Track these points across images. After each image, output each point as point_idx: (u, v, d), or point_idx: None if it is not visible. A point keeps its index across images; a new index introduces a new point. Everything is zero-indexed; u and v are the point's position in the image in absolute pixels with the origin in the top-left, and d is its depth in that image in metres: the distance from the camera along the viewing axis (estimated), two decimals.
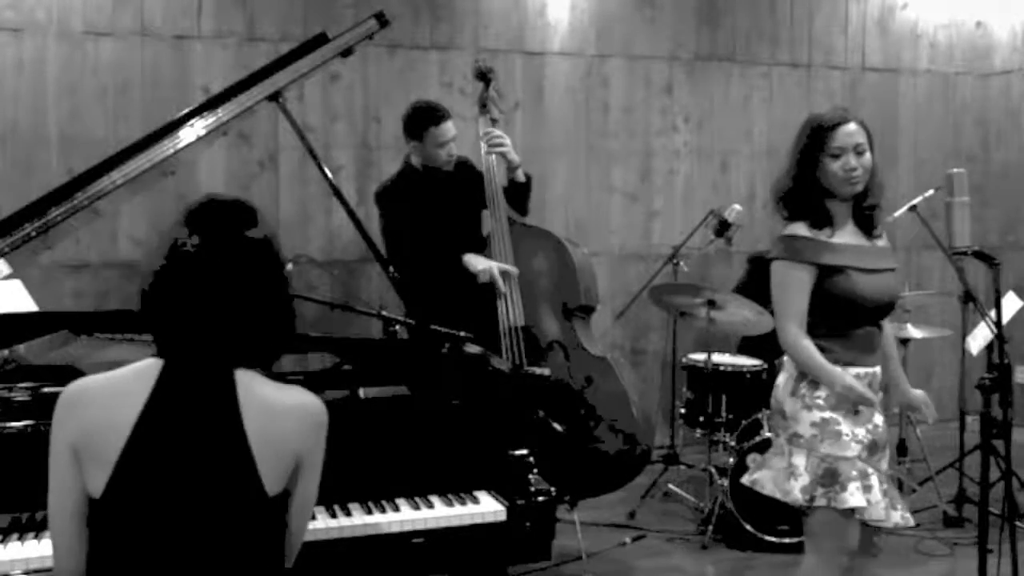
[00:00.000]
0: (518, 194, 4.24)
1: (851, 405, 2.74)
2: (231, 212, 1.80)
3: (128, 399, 1.71)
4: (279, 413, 1.76)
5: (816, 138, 2.76)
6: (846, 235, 2.82)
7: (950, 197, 3.30)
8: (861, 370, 2.78)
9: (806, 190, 2.78)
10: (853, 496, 2.70)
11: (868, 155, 2.76)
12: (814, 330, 2.77)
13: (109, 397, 1.72)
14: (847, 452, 2.72)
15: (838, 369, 2.72)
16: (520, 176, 4.21)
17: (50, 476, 1.75)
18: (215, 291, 1.73)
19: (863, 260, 2.79)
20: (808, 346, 2.74)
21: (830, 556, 2.79)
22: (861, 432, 2.76)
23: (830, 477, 2.71)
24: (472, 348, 3.00)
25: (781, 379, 2.86)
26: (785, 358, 2.89)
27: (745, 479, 2.93)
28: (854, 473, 2.72)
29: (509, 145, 4.16)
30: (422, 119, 4.09)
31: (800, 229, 2.78)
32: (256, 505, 1.73)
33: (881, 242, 2.90)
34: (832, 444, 2.72)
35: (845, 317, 2.78)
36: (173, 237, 1.76)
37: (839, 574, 2.80)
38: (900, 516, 2.81)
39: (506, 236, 4.10)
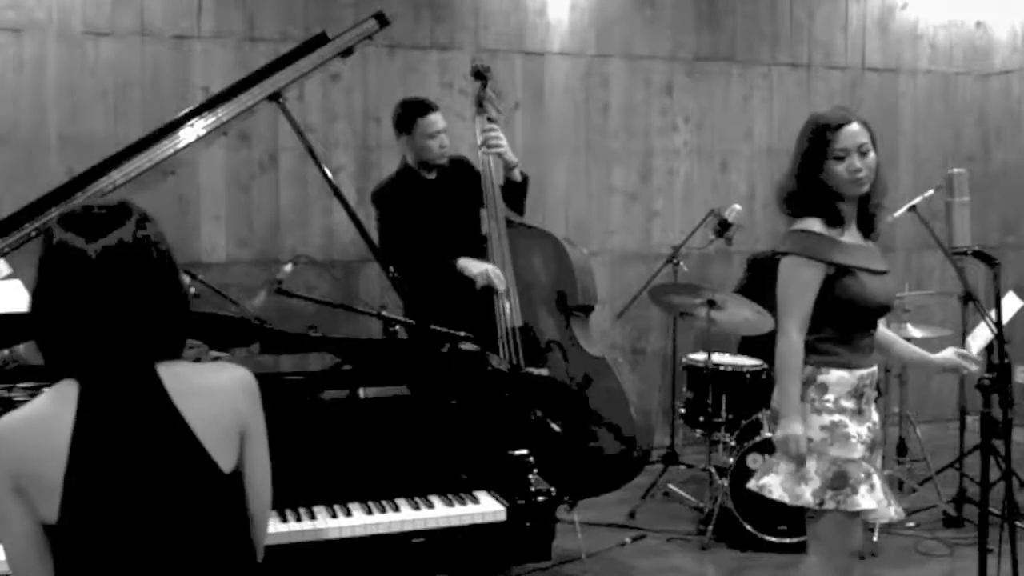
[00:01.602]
0: (515, 194, 4.23)
1: (854, 404, 2.74)
2: (106, 214, 1.75)
3: (54, 423, 1.69)
4: (211, 391, 1.77)
5: (819, 140, 2.75)
6: (852, 235, 2.82)
7: (950, 197, 3.30)
8: (864, 371, 2.78)
9: (813, 191, 2.77)
10: (864, 498, 2.70)
11: (872, 155, 2.75)
12: (819, 332, 2.76)
13: (34, 427, 1.70)
14: (854, 454, 2.72)
15: (797, 417, 2.72)
16: (516, 175, 4.20)
17: None
18: (111, 295, 1.70)
19: (869, 261, 2.79)
20: (799, 362, 2.73)
21: (835, 557, 2.79)
22: (864, 432, 2.76)
23: (840, 480, 2.71)
24: (471, 348, 3.00)
25: None
26: None
27: (752, 484, 2.90)
28: (862, 475, 2.72)
29: (506, 145, 4.16)
30: (410, 111, 4.10)
31: (814, 225, 2.76)
32: (216, 485, 1.74)
33: (872, 245, 2.90)
34: (841, 447, 2.72)
35: (852, 319, 2.77)
36: (54, 243, 1.71)
37: (843, 575, 2.81)
38: (894, 511, 2.83)
39: (503, 236, 4.10)
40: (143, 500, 1.70)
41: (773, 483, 2.81)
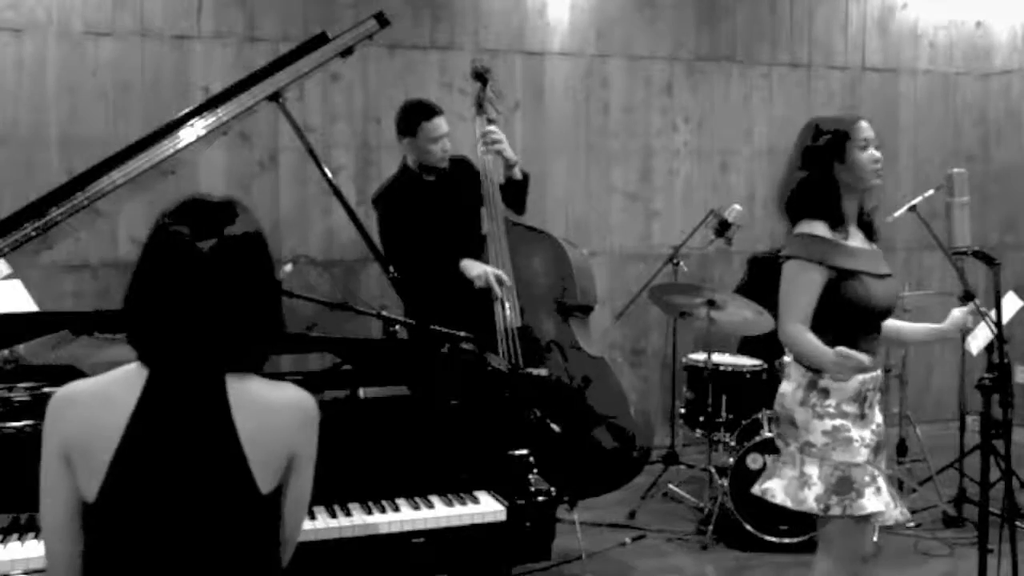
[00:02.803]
0: (516, 192, 4.23)
1: (856, 408, 2.73)
2: (217, 209, 1.78)
3: (116, 404, 1.70)
4: (270, 411, 1.76)
5: (840, 134, 2.76)
6: (856, 239, 2.82)
7: (950, 197, 3.29)
8: (867, 375, 2.76)
9: (825, 191, 2.78)
10: (871, 501, 2.69)
11: None
12: (822, 335, 2.74)
13: (97, 402, 1.72)
14: (858, 458, 2.71)
15: (832, 349, 2.64)
16: (517, 174, 4.20)
17: (41, 481, 1.74)
18: (206, 290, 1.71)
19: (873, 265, 2.79)
20: (810, 338, 2.70)
21: (845, 562, 2.78)
22: (867, 435, 2.75)
23: (844, 485, 2.70)
24: (471, 348, 3.00)
25: (788, 388, 2.83)
26: (788, 361, 2.87)
27: (756, 489, 2.89)
28: (867, 479, 2.71)
29: (506, 143, 4.16)
30: (414, 115, 4.10)
31: (818, 228, 2.76)
32: (250, 504, 1.74)
33: (877, 247, 2.90)
34: (844, 451, 2.71)
35: (856, 323, 2.76)
36: (168, 235, 1.73)
37: None
38: (899, 512, 2.82)
39: (503, 237, 4.10)
40: (178, 503, 1.70)
41: (776, 488, 2.81)
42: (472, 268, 4.04)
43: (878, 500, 2.71)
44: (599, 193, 5.72)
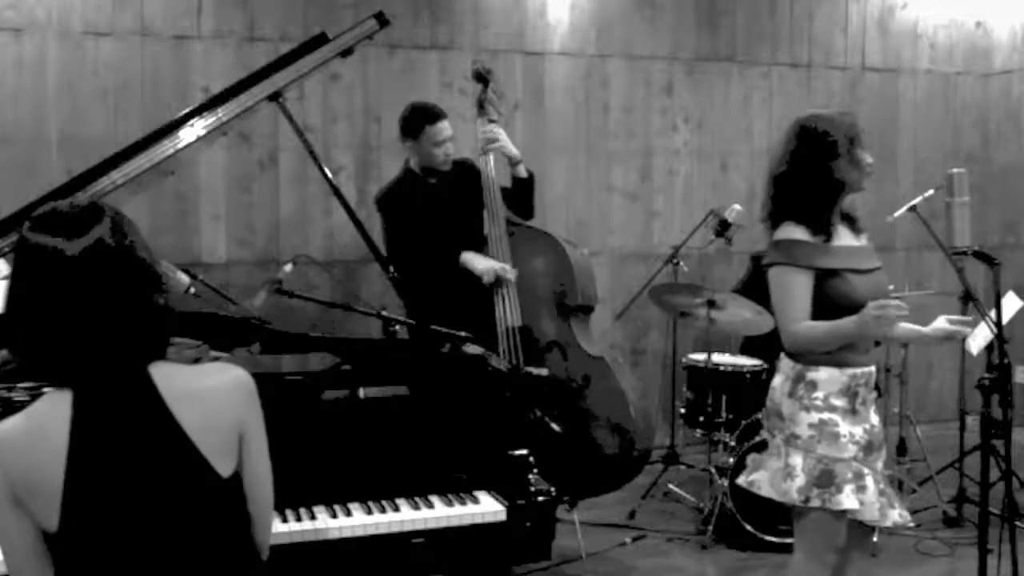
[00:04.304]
0: (521, 192, 4.21)
1: (845, 403, 2.74)
2: (78, 213, 1.70)
3: (50, 434, 1.67)
4: (208, 395, 1.74)
5: (849, 133, 2.78)
6: (841, 237, 2.83)
7: (950, 197, 3.30)
8: (858, 370, 2.78)
9: (826, 193, 2.78)
10: (848, 498, 2.71)
11: None
12: None
13: (31, 439, 1.67)
14: (844, 453, 2.73)
15: (852, 317, 2.65)
16: (522, 171, 4.19)
17: None
18: (95, 295, 1.66)
19: (857, 261, 2.80)
20: (814, 325, 2.71)
21: (820, 554, 2.80)
22: (858, 432, 2.76)
23: (826, 478, 2.72)
24: (472, 348, 3.00)
25: (777, 380, 2.85)
26: (782, 359, 2.88)
27: (741, 480, 2.93)
28: (849, 475, 2.73)
29: (505, 140, 4.15)
30: (418, 118, 4.10)
31: (797, 233, 2.77)
32: (215, 491, 1.73)
33: (865, 240, 2.91)
34: (829, 445, 2.72)
35: (840, 318, 2.77)
36: (29, 248, 1.67)
37: (827, 572, 2.82)
38: (898, 515, 2.82)
39: (504, 237, 4.10)
40: (142, 507, 1.69)
41: (762, 480, 2.84)
42: (476, 262, 4.03)
43: (855, 498, 2.72)
44: (599, 193, 5.72)
